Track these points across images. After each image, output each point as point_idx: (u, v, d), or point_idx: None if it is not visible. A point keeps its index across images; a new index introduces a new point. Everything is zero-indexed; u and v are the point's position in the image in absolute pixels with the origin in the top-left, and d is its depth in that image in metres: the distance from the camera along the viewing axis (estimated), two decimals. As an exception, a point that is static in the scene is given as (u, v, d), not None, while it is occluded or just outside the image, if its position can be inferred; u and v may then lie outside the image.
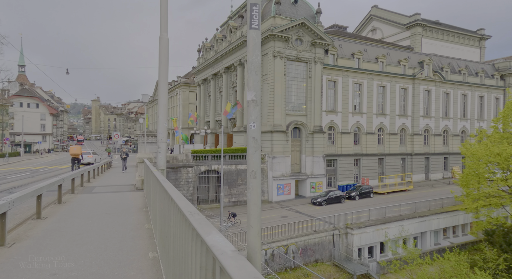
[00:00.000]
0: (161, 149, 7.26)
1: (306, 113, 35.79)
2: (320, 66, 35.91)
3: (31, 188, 5.50)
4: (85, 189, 10.83)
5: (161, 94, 7.10)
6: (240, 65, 38.40)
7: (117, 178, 14.81)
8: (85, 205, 7.65)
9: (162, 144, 7.27)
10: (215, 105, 47.90)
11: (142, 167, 10.45)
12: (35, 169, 24.22)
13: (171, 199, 2.88)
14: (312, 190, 35.57)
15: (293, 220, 27.06)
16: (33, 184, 13.09)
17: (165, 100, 7.22)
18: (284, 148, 34.25)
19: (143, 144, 25.50)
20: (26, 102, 76.34)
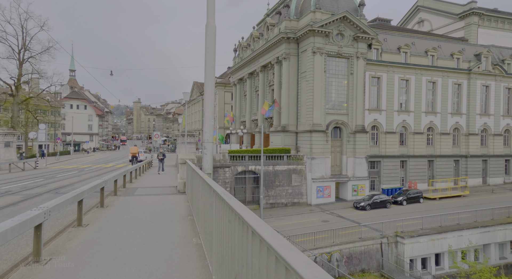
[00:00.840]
0: (207, 150, 6.48)
1: (347, 112, 33.87)
2: (362, 62, 33.77)
3: (71, 193, 4.97)
4: (127, 191, 10.51)
5: (207, 88, 6.32)
6: (278, 63, 37.37)
7: (158, 179, 14.54)
8: (127, 210, 7.13)
9: (208, 144, 6.50)
10: (251, 105, 47.35)
11: (184, 168, 9.85)
12: (82, 168, 25.21)
13: (238, 216, 1.98)
14: (354, 193, 33.58)
15: (335, 225, 25.51)
16: (78, 184, 13.22)
17: (212, 94, 6.43)
18: (323, 148, 32.67)
19: (182, 144, 25.62)
20: (76, 104, 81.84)
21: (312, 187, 32.15)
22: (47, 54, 45.36)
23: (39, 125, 27.23)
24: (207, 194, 4.00)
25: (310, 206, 32.03)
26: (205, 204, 4.20)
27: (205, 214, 4.18)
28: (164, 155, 19.67)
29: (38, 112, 56.33)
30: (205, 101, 6.46)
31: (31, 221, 3.46)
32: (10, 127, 24.32)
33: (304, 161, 32.72)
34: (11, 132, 22.42)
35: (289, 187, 32.62)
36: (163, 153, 19.79)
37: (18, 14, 46.46)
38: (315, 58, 32.27)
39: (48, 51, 44.42)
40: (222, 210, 2.77)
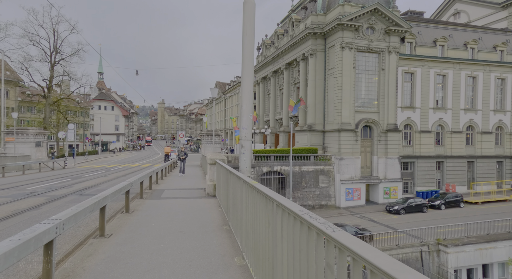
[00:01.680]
0: (246, 149, 5.53)
1: (378, 110, 32.03)
2: (395, 57, 31.80)
3: (91, 200, 4.21)
4: (154, 193, 9.83)
5: (245, 75, 5.38)
6: (303, 60, 36.08)
7: (184, 180, 13.85)
8: (154, 216, 6.35)
9: (246, 142, 5.55)
10: (275, 104, 46.29)
11: (214, 169, 9.01)
12: (108, 167, 25.27)
13: None
14: (385, 195, 31.69)
15: (368, 230, 23.94)
16: (104, 185, 12.79)
17: (250, 82, 5.49)
18: (353, 148, 31.06)
19: (207, 143, 25.03)
20: (104, 105, 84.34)
21: (340, 188, 30.65)
22: (77, 56, 46.75)
23: (68, 126, 27.68)
24: (258, 203, 3.05)
25: (339, 209, 30.55)
26: (254, 216, 3.25)
27: (254, 230, 3.23)
28: (186, 154, 17.68)
29: (69, 113, 58.33)
30: (243, 91, 5.52)
31: (37, 239, 2.66)
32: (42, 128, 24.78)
33: (332, 162, 31.28)
34: (42, 132, 22.78)
35: (316, 189, 31.29)
36: (185, 151, 17.80)
37: (50, 18, 48.13)
38: (343, 53, 30.74)
39: (78, 54, 45.75)
40: (299, 236, 1.81)
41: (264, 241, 2.78)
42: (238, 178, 4.37)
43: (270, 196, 2.53)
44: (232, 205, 5.24)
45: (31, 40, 41.11)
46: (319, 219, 1.60)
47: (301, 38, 35.16)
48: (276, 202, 2.36)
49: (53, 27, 42.70)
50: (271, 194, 2.54)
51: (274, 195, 2.49)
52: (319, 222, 1.54)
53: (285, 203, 2.11)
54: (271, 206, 2.54)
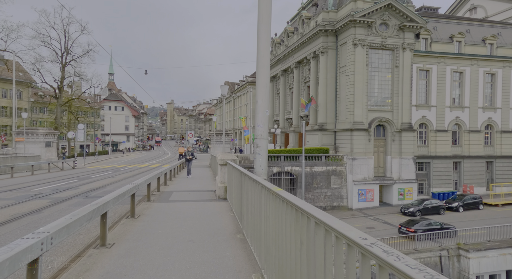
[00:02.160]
0: (261, 149, 4.97)
1: (392, 109, 31.06)
2: (409, 54, 30.76)
3: (90, 207, 3.72)
4: (162, 195, 9.35)
5: (261, 66, 4.82)
6: (314, 58, 35.32)
7: (194, 182, 13.36)
8: (161, 222, 5.84)
9: (262, 141, 4.99)
10: (284, 103, 45.61)
11: (225, 171, 8.48)
12: (117, 168, 25.08)
13: None
14: (400, 197, 30.69)
15: (382, 233, 23.13)
16: (110, 186, 12.42)
17: (266, 74, 4.93)
18: (366, 148, 30.17)
19: (217, 143, 24.56)
20: (114, 106, 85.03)
21: (353, 189, 29.81)
22: (87, 57, 47.03)
23: (78, 126, 27.64)
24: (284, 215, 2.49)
25: (351, 211, 29.72)
26: (277, 230, 2.68)
27: (278, 246, 2.66)
28: (193, 155, 16.01)
29: (80, 114, 58.85)
30: (258, 84, 4.96)
31: (13, 261, 2.15)
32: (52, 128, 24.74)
33: (344, 162, 30.46)
34: (52, 132, 22.71)
35: (328, 190, 30.53)
36: (191, 151, 16.17)
37: (61, 19, 48.59)
38: (356, 50, 29.87)
39: (88, 54, 46.02)
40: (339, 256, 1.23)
41: (294, 263, 2.21)
42: (255, 182, 3.81)
43: (304, 209, 1.96)
44: (247, 211, 4.68)
45: (42, 42, 41.48)
46: (404, 259, 1.02)
47: (311, 36, 34.42)
48: (315, 219, 1.78)
49: (64, 28, 43.03)
50: (305, 207, 1.96)
51: (310, 208, 1.91)
52: (407, 265, 0.96)
53: (332, 223, 1.54)
54: (306, 223, 1.97)
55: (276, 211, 2.73)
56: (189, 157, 15.85)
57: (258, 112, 5.02)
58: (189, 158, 15.87)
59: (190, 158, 15.87)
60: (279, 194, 2.59)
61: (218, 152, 24.30)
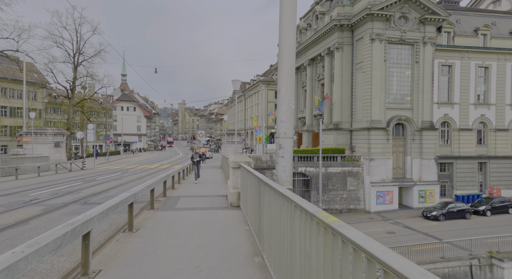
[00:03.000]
0: (285, 151, 3.94)
1: (412, 106, 29.48)
2: (430, 48, 29.10)
3: (64, 227, 2.78)
4: (168, 201, 8.41)
5: (285, 45, 3.79)
6: (328, 55, 33.97)
7: (203, 186, 12.39)
8: (164, 238, 4.87)
9: (286, 141, 3.96)
10: (297, 102, 44.34)
11: (238, 174, 7.46)
12: (126, 168, 24.47)
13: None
14: (421, 199, 29.07)
15: (404, 238, 21.71)
16: (114, 191, 11.59)
17: (291, 56, 3.88)
18: (384, 148, 28.69)
19: (228, 143, 23.57)
20: (126, 106, 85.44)
21: (370, 191, 28.38)
22: (99, 57, 47.00)
23: (87, 126, 27.22)
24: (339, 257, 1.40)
25: (369, 214, 28.31)
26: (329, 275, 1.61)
27: None
28: (202, 157, 14.26)
29: (93, 114, 59.09)
30: (281, 70, 3.90)
31: None
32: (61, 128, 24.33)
33: (361, 162, 29.07)
34: (61, 133, 22.27)
35: (344, 191, 29.21)
36: (199, 153, 14.39)
37: (73, 19, 48.74)
38: (373, 46, 28.42)
39: (100, 54, 45.94)
40: None
41: None
42: (283, 197, 2.76)
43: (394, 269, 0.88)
44: (268, 230, 3.63)
45: (55, 42, 41.55)
46: None
47: (326, 31, 33.09)
48: None
49: (76, 29, 43.03)
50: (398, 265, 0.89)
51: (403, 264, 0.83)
52: None
53: None
54: None
55: (330, 255, 1.66)
56: (197, 158, 13.94)
57: (282, 104, 3.97)
58: (197, 160, 13.95)
59: (198, 160, 13.96)
60: (337, 231, 1.52)
61: (230, 153, 23.38)
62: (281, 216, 2.93)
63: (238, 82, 11.81)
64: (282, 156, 3.95)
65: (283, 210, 2.77)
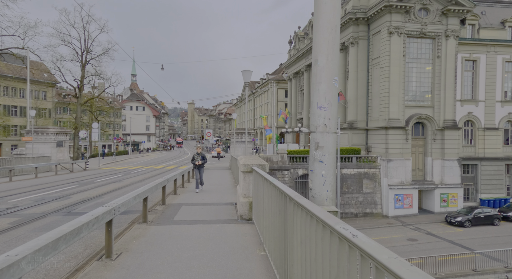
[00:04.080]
0: (326, 153, 2.54)
1: (433, 104, 27.64)
2: (453, 42, 27.19)
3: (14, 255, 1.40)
4: (166, 211, 7.09)
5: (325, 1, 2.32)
6: (343, 50, 32.32)
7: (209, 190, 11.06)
8: (150, 273, 3.50)
9: (327, 137, 2.54)
10: (309, 100, 42.75)
11: (250, 180, 6.10)
12: (131, 169, 23.41)
13: None
14: (442, 203, 27.19)
15: (428, 246, 20.00)
16: (109, 196, 10.38)
17: (334, 10, 2.39)
18: (403, 148, 26.94)
19: (237, 143, 22.21)
20: (135, 106, 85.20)
21: (388, 194, 26.68)
22: (107, 56, 46.41)
23: (92, 125, 26.28)
24: None
25: (387, 218, 26.61)
26: None
27: None
28: (205, 159, 11.28)
29: (102, 114, 58.68)
30: (319, 28, 2.51)
31: None
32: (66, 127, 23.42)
33: (378, 164, 27.39)
34: (63, 131, 21.35)
35: (360, 194, 27.59)
36: (203, 155, 11.48)
37: (81, 17, 48.32)
38: (391, 39, 26.69)
39: (108, 53, 45.31)
40: None
41: None
42: (333, 233, 1.34)
43: None
44: (301, 268, 2.22)
45: (63, 40, 41.07)
46: None
47: (340, 26, 31.42)
48: None
49: (84, 27, 42.47)
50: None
51: None
52: None
53: None
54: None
55: None
56: (199, 162, 11.01)
57: (320, 81, 2.60)
58: (199, 163, 11.00)
59: (201, 162, 11.03)
60: None
61: (239, 153, 22.08)
62: (331, 263, 1.55)
63: (249, 73, 10.41)
64: (320, 160, 2.57)
65: (333, 254, 1.38)
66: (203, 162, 11.11)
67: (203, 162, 11.11)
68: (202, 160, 11.13)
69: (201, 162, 11.05)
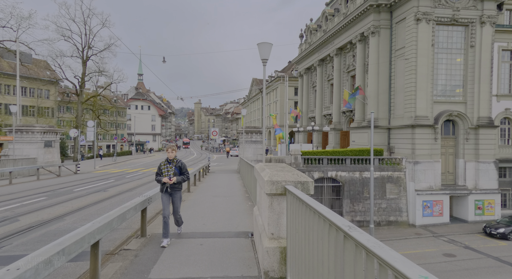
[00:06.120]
0: None
1: (465, 100, 24.69)
2: (489, 29, 24.18)
3: None
4: (142, 253, 4.48)
5: None
6: (361, 41, 29.43)
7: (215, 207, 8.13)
8: None
9: None
10: (322, 98, 39.92)
11: (282, 209, 3.43)
12: (127, 173, 20.94)
13: None
14: (477, 211, 24.18)
15: (471, 264, 17.07)
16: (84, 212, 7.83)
17: None
18: (431, 149, 24.04)
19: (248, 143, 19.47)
20: (140, 105, 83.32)
21: (416, 201, 23.80)
22: (109, 52, 44.30)
23: (87, 123, 24.00)
24: None
25: (414, 227, 23.71)
26: None
27: None
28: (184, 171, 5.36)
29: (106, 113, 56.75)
30: None
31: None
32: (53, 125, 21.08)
33: (403, 166, 24.53)
34: (52, 130, 19.01)
35: (383, 200, 24.76)
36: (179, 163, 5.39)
37: (81, 11, 46.36)
38: (419, 27, 23.78)
39: (110, 49, 43.23)
40: None
41: None
42: None
43: None
44: None
45: (62, 35, 39.08)
46: None
47: (359, 14, 28.59)
48: None
49: (85, 21, 40.42)
50: None
51: None
52: None
53: None
54: None
55: None
56: (169, 179, 5.16)
57: None
58: (168, 181, 5.15)
59: (172, 182, 5.17)
60: None
61: (249, 155, 19.37)
62: None
63: (268, 48, 7.56)
64: None
65: None
66: (178, 179, 5.20)
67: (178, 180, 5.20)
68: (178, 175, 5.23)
69: (175, 179, 5.13)
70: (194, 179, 12.99)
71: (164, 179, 5.08)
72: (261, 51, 7.94)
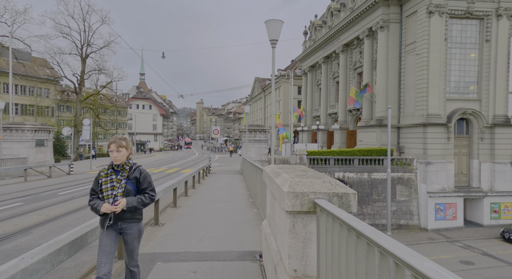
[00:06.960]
0: None
1: (480, 97, 23.49)
2: (506, 23, 22.97)
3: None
4: None
5: None
6: (369, 37, 28.21)
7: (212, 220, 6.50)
8: None
9: None
10: (327, 96, 38.70)
11: (310, 234, 2.25)
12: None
13: None
14: (493, 215, 22.93)
15: (491, 273, 15.84)
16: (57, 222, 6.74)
17: None
18: (444, 149, 22.82)
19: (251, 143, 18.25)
20: (141, 104, 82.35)
21: (428, 203, 22.61)
22: (108, 49, 43.26)
23: (83, 121, 22.95)
24: None
25: (426, 231, 22.50)
26: None
27: None
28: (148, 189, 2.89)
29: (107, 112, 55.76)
30: None
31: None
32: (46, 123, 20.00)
33: (414, 167, 23.34)
34: (45, 128, 17.96)
35: (393, 203, 23.56)
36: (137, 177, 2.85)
37: (80, 7, 45.42)
38: (431, 21, 22.55)
39: (109, 46, 42.26)
40: None
41: None
42: None
43: None
44: None
45: (61, 32, 38.11)
46: None
47: (367, 8, 27.38)
48: None
49: (84, 18, 39.43)
50: None
51: None
52: None
53: None
54: None
55: None
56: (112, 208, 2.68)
57: None
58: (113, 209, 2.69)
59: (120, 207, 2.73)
60: None
61: (253, 155, 18.14)
62: None
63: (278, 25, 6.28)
64: None
65: None
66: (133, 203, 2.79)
67: (133, 205, 2.78)
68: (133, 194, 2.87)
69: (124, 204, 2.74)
70: (193, 181, 11.83)
71: (104, 207, 2.66)
72: (270, 30, 6.78)
